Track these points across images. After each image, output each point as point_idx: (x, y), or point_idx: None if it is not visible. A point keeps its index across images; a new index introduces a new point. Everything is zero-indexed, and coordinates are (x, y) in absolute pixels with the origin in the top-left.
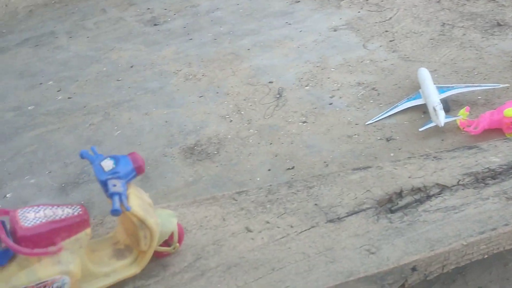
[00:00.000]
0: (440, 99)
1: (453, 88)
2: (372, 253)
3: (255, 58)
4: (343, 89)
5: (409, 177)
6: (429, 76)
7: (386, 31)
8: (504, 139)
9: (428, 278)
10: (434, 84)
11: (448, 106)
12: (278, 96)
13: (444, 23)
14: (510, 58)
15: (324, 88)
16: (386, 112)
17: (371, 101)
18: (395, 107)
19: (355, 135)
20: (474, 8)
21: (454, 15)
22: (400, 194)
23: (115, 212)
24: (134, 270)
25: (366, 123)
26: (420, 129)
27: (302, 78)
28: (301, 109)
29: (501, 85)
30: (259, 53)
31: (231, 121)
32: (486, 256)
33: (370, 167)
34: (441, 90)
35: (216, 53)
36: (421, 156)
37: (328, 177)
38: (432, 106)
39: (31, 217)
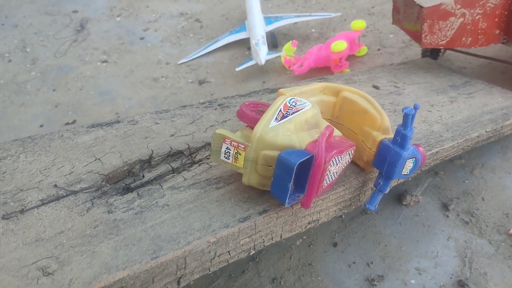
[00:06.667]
0: (266, 32)
1: (282, 18)
2: (48, 274)
3: None
4: (162, 20)
5: (172, 135)
6: (258, 4)
7: None
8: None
9: None
10: (263, 14)
11: (276, 40)
12: (79, 28)
13: None
14: None
15: (138, 19)
16: (204, 49)
17: (191, 35)
18: (215, 42)
19: (162, 77)
20: None
21: None
22: (149, 162)
23: None
24: None
25: (179, 62)
26: (237, 69)
27: (115, 7)
28: (104, 45)
29: (333, 14)
30: None
31: (10, 60)
32: (252, 252)
33: (119, 121)
34: (268, 21)
35: None
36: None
37: (43, 138)
38: (253, 40)
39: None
